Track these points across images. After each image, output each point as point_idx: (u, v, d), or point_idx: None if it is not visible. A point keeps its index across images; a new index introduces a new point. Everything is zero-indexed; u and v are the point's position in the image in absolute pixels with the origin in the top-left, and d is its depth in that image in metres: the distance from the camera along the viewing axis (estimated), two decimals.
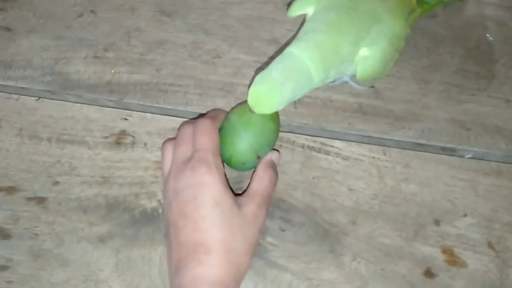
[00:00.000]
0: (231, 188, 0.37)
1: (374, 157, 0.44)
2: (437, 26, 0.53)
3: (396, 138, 0.45)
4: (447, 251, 0.40)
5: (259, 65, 0.48)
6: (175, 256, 0.34)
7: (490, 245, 0.41)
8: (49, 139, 0.43)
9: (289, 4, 0.40)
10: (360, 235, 0.41)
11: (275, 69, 0.36)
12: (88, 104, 0.46)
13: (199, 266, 0.32)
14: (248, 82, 0.47)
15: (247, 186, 0.39)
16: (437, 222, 0.42)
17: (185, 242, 0.33)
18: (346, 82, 0.48)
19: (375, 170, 0.44)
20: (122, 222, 0.40)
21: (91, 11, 0.51)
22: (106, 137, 0.44)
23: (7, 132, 0.44)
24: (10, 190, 0.41)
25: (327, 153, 0.44)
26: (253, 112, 0.38)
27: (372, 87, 0.48)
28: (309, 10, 0.41)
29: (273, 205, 0.41)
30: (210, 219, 0.34)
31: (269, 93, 0.36)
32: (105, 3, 0.52)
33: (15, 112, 0.45)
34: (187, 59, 0.49)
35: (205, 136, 0.37)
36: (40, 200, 0.41)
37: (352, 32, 0.38)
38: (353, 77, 0.47)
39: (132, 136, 0.44)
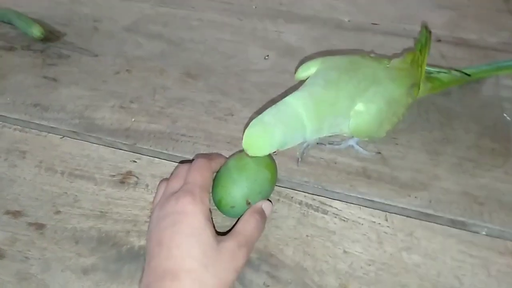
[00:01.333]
0: (215, 229, 0.36)
1: (374, 222, 0.42)
2: (451, 103, 0.53)
3: (400, 205, 0.43)
4: None
5: None
6: (144, 282, 0.33)
7: None
8: (62, 173, 0.47)
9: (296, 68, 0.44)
10: None
11: (268, 114, 0.38)
12: (105, 146, 0.49)
13: None
14: None
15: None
16: None
17: (156, 268, 0.33)
18: (352, 147, 0.48)
19: (374, 235, 0.41)
20: (108, 257, 0.40)
21: (127, 70, 0.58)
22: (113, 176, 0.46)
23: (29, 163, 0.48)
24: (16, 214, 0.43)
25: (325, 212, 0.43)
26: (249, 156, 0.39)
27: (379, 153, 0.47)
28: (313, 71, 0.44)
29: (261, 258, 0.40)
30: (184, 247, 0.33)
31: (261, 135, 0.37)
32: (140, 65, 0.58)
33: (40, 147, 0.49)
34: (202, 115, 0.52)
35: (196, 172, 0.38)
36: (40, 226, 0.42)
37: (349, 88, 0.40)
38: (359, 141, 0.48)
39: (136, 177, 0.46)
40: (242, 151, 0.43)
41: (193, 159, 0.42)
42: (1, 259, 0.40)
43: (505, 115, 0.51)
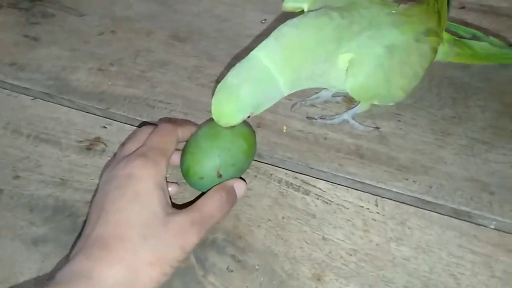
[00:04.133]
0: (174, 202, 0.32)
1: (362, 207, 0.37)
2: (469, 77, 0.46)
3: (394, 190, 0.38)
4: None
5: None
6: (74, 250, 0.29)
7: None
8: (28, 136, 0.43)
9: None
10: None
11: (231, 75, 0.32)
12: (76, 109, 0.45)
13: (85, 260, 0.27)
14: None
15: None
16: None
17: (89, 234, 0.29)
18: (347, 121, 0.42)
19: (360, 222, 0.36)
20: (61, 228, 0.37)
21: (112, 31, 0.54)
22: (80, 141, 0.42)
23: None
24: None
25: (306, 192, 0.38)
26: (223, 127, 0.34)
27: (378, 128, 0.41)
28: (304, 7, 0.38)
29: (228, 240, 0.35)
30: (123, 213, 0.29)
31: (226, 100, 0.32)
32: (126, 26, 0.54)
33: (9, 108, 0.46)
34: (185, 80, 0.47)
35: (156, 135, 0.34)
36: None
37: (329, 29, 0.32)
38: (355, 115, 0.42)
39: (104, 144, 0.42)
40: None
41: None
42: None
43: None
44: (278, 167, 0.40)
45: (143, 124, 0.43)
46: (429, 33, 0.36)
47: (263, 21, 0.53)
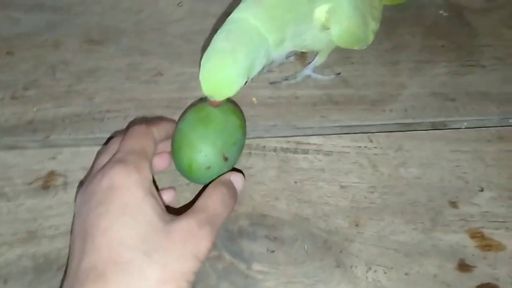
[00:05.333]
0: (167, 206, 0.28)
1: (360, 146, 0.37)
2: (389, 12, 0.49)
3: (379, 123, 0.39)
4: (477, 235, 0.33)
5: None
6: None
7: None
8: None
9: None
10: (368, 237, 0.32)
11: (220, 39, 0.29)
12: (7, 149, 0.37)
13: None
14: (198, 93, 0.41)
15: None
16: (453, 204, 0.34)
17: (77, 268, 0.24)
18: (309, 76, 0.42)
19: (365, 160, 0.37)
20: (57, 286, 0.30)
21: (8, 52, 0.45)
22: (29, 184, 0.35)
23: None
24: None
25: (305, 152, 0.37)
26: (214, 102, 0.31)
27: (339, 74, 0.43)
28: None
29: (254, 223, 0.33)
30: (113, 233, 0.24)
31: (222, 66, 0.29)
32: (24, 43, 0.45)
33: None
34: (125, 82, 0.42)
35: (130, 139, 0.29)
36: None
37: None
38: (314, 68, 0.42)
39: (63, 175, 0.35)
40: (197, 103, 0.34)
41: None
42: None
43: (441, 12, 0.49)
44: (267, 137, 0.38)
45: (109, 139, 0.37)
46: None
47: (180, 4, 0.50)
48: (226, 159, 0.31)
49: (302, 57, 0.44)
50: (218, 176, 0.31)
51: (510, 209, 0.34)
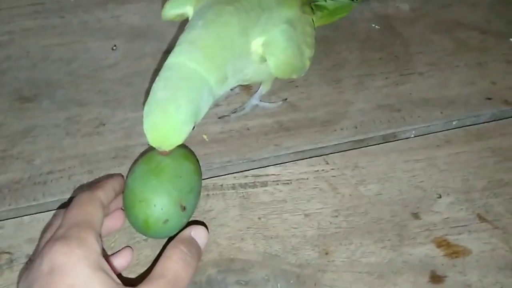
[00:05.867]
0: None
1: (317, 170, 0.37)
2: (323, 31, 0.50)
3: (332, 143, 0.39)
4: (443, 243, 0.33)
5: None
6: None
7: (480, 217, 0.34)
8: None
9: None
10: (340, 265, 0.32)
11: (159, 88, 0.28)
12: None
13: None
14: (146, 139, 0.39)
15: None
16: (416, 215, 0.35)
17: None
18: (257, 105, 0.42)
19: (324, 184, 0.36)
20: None
21: None
22: None
23: None
24: None
25: (264, 184, 0.36)
26: (164, 152, 0.29)
27: (285, 99, 0.42)
28: (188, 10, 0.35)
29: (222, 270, 0.31)
30: None
31: (165, 116, 0.27)
32: None
33: None
34: (65, 138, 0.39)
35: (73, 210, 0.26)
36: None
37: (235, 23, 0.31)
38: (261, 97, 0.42)
39: (8, 252, 0.32)
40: (145, 154, 0.33)
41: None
42: None
43: (372, 25, 0.51)
44: (223, 175, 0.37)
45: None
46: (304, 5, 0.39)
47: (114, 48, 0.48)
48: (184, 208, 0.30)
49: (247, 87, 0.44)
50: (178, 228, 0.30)
51: (468, 212, 0.35)
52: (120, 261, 0.30)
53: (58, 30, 0.50)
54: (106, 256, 0.29)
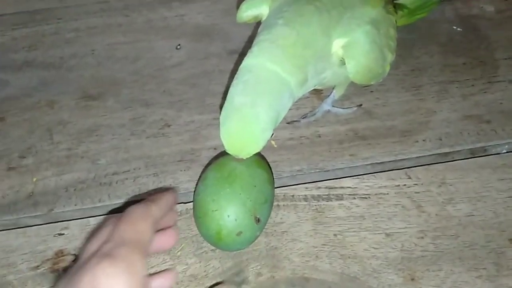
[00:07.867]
0: None
1: (399, 185, 0.34)
2: (400, 34, 0.47)
3: (414, 155, 0.36)
4: None
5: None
6: None
7: None
8: None
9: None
10: None
11: (237, 93, 0.26)
12: (6, 230, 0.33)
13: None
14: (212, 143, 0.37)
15: None
16: None
17: None
18: (328, 111, 0.39)
19: (407, 201, 0.33)
20: None
21: None
22: (36, 267, 0.30)
23: None
24: None
25: (340, 197, 0.33)
26: (238, 160, 0.27)
27: (360, 105, 0.39)
28: (263, 10, 0.33)
29: None
30: None
31: (244, 125, 0.25)
32: (14, 107, 0.42)
33: None
34: (130, 139, 0.38)
35: (123, 225, 0.24)
36: None
37: (317, 22, 0.29)
38: (334, 102, 0.39)
39: (73, 254, 0.31)
40: (216, 161, 0.31)
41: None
42: None
43: (454, 27, 0.47)
44: (294, 184, 0.34)
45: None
46: (388, 4, 0.35)
47: (178, 47, 0.47)
48: (258, 220, 0.28)
49: (318, 91, 0.41)
50: (251, 241, 0.28)
51: None
52: (162, 282, 0.28)
53: (123, 28, 0.50)
54: (150, 276, 0.27)
